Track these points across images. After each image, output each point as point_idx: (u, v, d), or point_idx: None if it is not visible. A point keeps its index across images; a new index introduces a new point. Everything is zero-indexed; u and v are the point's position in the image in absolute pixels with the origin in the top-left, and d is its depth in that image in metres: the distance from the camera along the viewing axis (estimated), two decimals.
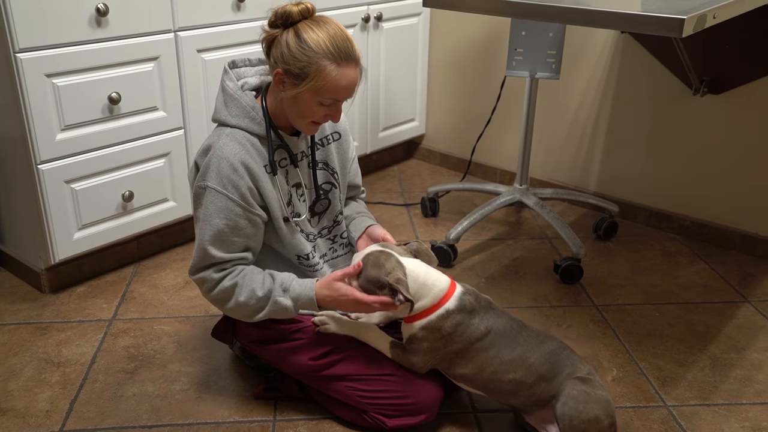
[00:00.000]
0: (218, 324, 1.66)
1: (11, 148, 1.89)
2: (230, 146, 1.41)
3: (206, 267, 1.43)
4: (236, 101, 1.44)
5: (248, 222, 1.43)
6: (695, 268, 2.23)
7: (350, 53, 1.37)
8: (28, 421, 1.53)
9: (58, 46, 1.79)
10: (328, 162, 1.58)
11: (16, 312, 1.93)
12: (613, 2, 1.53)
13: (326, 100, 1.39)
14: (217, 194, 1.39)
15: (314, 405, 1.59)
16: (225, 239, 1.41)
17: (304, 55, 1.35)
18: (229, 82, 1.47)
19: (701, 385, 1.69)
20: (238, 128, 1.44)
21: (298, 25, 1.37)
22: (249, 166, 1.41)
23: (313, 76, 1.36)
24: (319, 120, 1.43)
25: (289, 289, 1.43)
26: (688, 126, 2.36)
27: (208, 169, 1.40)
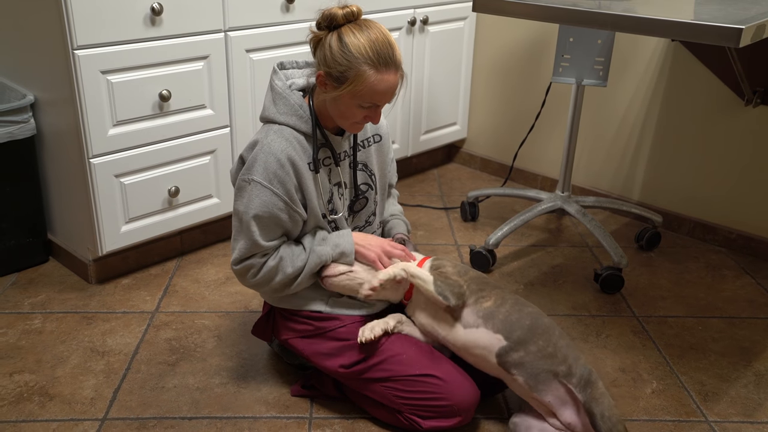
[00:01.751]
0: (258, 322, 1.69)
1: (65, 142, 1.94)
2: (278, 142, 1.44)
3: (254, 255, 1.47)
4: (284, 99, 1.47)
5: (289, 217, 1.47)
6: (741, 282, 2.18)
7: (390, 59, 1.39)
8: (74, 407, 1.58)
9: (113, 44, 1.84)
10: (367, 164, 1.61)
11: (64, 301, 1.99)
12: (665, 9, 1.51)
13: (365, 103, 1.42)
14: (263, 188, 1.43)
15: (350, 404, 1.60)
16: (268, 229, 1.46)
17: (344, 59, 1.37)
18: (278, 82, 1.50)
19: (745, 402, 1.65)
20: (285, 125, 1.47)
21: (342, 29, 1.39)
22: (295, 162, 1.45)
23: (352, 80, 1.38)
24: (359, 121, 1.46)
25: (327, 238, 1.50)
26: (738, 137, 2.31)
27: (254, 164, 1.44)
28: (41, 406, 1.57)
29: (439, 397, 1.46)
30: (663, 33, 1.37)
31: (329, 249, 1.50)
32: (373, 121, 1.47)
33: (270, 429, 1.53)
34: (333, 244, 1.51)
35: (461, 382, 1.48)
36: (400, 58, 1.42)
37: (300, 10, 2.20)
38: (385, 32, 1.40)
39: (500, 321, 1.46)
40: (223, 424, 1.53)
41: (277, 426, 1.54)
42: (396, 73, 1.41)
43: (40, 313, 1.92)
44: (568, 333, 1.89)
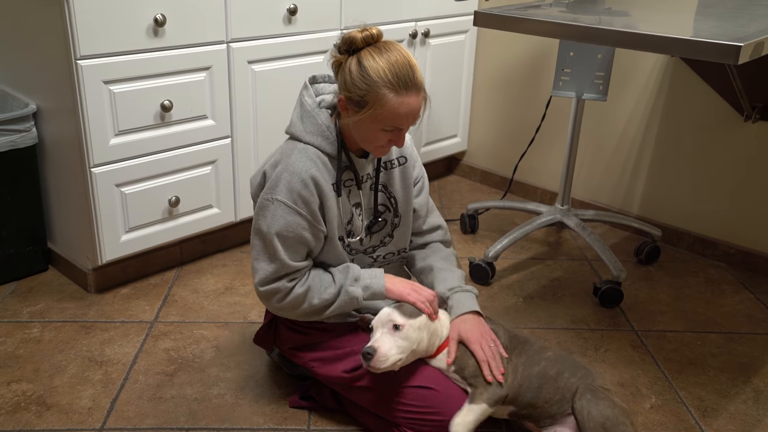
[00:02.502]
0: (260, 330, 1.68)
1: (67, 151, 1.95)
2: (302, 162, 1.42)
3: (281, 277, 1.45)
4: (312, 119, 1.45)
5: (312, 236, 1.45)
6: (740, 298, 2.18)
7: (411, 81, 1.36)
8: (71, 417, 1.57)
9: (116, 54, 1.85)
10: (387, 185, 1.57)
11: (62, 310, 1.98)
12: (665, 26, 1.52)
13: (387, 127, 1.39)
14: (287, 208, 1.41)
15: (348, 416, 1.60)
16: (292, 248, 1.44)
17: (363, 82, 1.35)
18: (308, 98, 1.47)
19: (744, 418, 1.64)
20: (311, 145, 1.45)
21: (361, 52, 1.37)
22: (318, 182, 1.43)
23: (372, 104, 1.36)
24: (383, 145, 1.43)
25: (359, 278, 1.48)
26: (738, 152, 2.31)
27: (278, 183, 1.42)
28: (38, 416, 1.57)
29: (435, 411, 1.45)
30: (662, 49, 1.38)
31: (360, 291, 1.47)
32: (397, 145, 1.45)
33: None
34: (364, 285, 1.48)
35: (456, 396, 1.47)
36: (422, 79, 1.39)
37: (302, 22, 2.22)
38: (405, 54, 1.37)
39: (512, 393, 1.46)
40: None
41: None
42: (418, 95, 1.38)
43: (38, 322, 1.92)
44: (566, 347, 1.89)
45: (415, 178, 1.63)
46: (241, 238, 2.39)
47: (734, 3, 1.86)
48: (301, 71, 2.26)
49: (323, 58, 2.31)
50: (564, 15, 1.68)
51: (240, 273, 2.22)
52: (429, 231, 1.69)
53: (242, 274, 2.21)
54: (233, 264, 2.27)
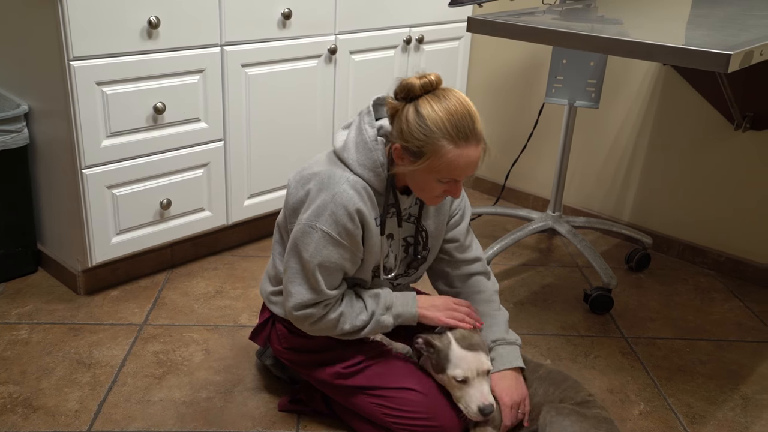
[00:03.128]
0: (257, 327, 1.66)
1: (58, 152, 1.94)
2: (350, 194, 1.37)
3: (315, 305, 1.42)
4: (369, 152, 1.39)
5: (352, 264, 1.43)
6: (729, 305, 2.19)
7: (470, 132, 1.32)
8: (58, 419, 1.56)
9: (109, 55, 1.84)
10: (420, 218, 1.53)
11: (51, 312, 1.97)
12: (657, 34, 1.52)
13: (444, 178, 1.35)
14: (331, 239, 1.37)
15: (337, 420, 1.59)
16: (331, 276, 1.42)
17: (421, 133, 1.31)
18: (369, 129, 1.41)
19: (732, 425, 1.65)
20: (360, 177, 1.40)
21: (419, 100, 1.32)
22: (364, 215, 1.39)
23: (429, 156, 1.32)
24: (438, 195, 1.40)
25: (391, 307, 1.46)
26: (728, 161, 2.33)
27: (323, 212, 1.37)
28: (24, 418, 1.55)
29: (427, 416, 1.45)
30: (654, 57, 1.38)
31: (392, 319, 1.46)
32: (453, 196, 1.40)
33: None
34: (396, 314, 1.47)
35: (448, 401, 1.47)
36: (482, 129, 1.34)
37: (297, 26, 2.22)
38: (465, 102, 1.33)
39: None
40: None
41: None
42: (477, 146, 1.34)
43: (27, 324, 1.90)
44: (556, 354, 1.89)
45: (454, 210, 1.58)
46: (233, 241, 2.38)
47: (726, 13, 1.87)
48: (295, 75, 2.26)
49: (317, 63, 2.31)
50: (557, 22, 1.68)
51: (231, 276, 2.21)
52: (467, 262, 1.62)
53: (233, 277, 2.20)
54: (224, 267, 2.26)
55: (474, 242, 1.64)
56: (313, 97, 2.34)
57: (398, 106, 1.36)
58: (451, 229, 1.59)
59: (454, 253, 1.60)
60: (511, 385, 1.48)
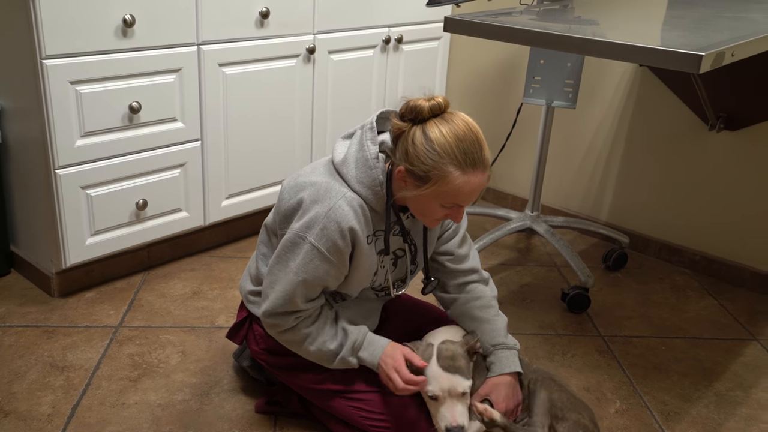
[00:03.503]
0: (233, 327, 1.65)
1: (31, 152, 1.91)
2: (346, 211, 1.34)
3: (288, 314, 1.41)
4: (369, 171, 1.36)
5: (336, 280, 1.41)
6: (704, 304, 2.21)
7: (478, 159, 1.29)
8: (30, 424, 1.53)
9: (83, 54, 1.81)
10: (410, 231, 1.50)
11: (24, 314, 1.94)
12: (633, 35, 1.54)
13: (447, 204, 1.33)
14: (319, 254, 1.34)
15: (314, 422, 1.58)
16: (311, 290, 1.40)
17: (429, 158, 1.27)
18: (371, 145, 1.36)
19: (705, 422, 1.66)
20: (358, 194, 1.36)
21: (427, 123, 1.29)
22: (356, 234, 1.36)
23: (435, 181, 1.29)
24: (439, 218, 1.38)
25: (359, 351, 1.44)
26: (703, 161, 2.35)
27: (314, 225, 1.34)
28: None
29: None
30: (628, 57, 1.39)
31: (355, 361, 1.45)
32: (455, 220, 1.37)
33: None
34: (360, 357, 1.45)
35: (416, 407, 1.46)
36: (489, 156, 1.31)
37: (274, 25, 2.20)
38: (473, 127, 1.30)
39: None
40: None
41: None
42: (484, 173, 1.30)
43: None
44: (534, 353, 1.90)
45: (447, 224, 1.56)
46: (211, 242, 2.36)
47: (700, 14, 1.89)
48: (273, 75, 2.25)
49: (295, 63, 2.30)
50: (534, 22, 1.69)
51: (208, 278, 2.19)
52: (463, 273, 1.60)
53: (211, 278, 2.19)
54: (202, 268, 2.24)
55: (471, 252, 1.61)
56: (291, 97, 2.33)
57: (404, 127, 1.32)
58: (443, 243, 1.57)
59: (448, 264, 1.58)
60: (508, 392, 1.47)
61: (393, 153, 1.35)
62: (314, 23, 2.32)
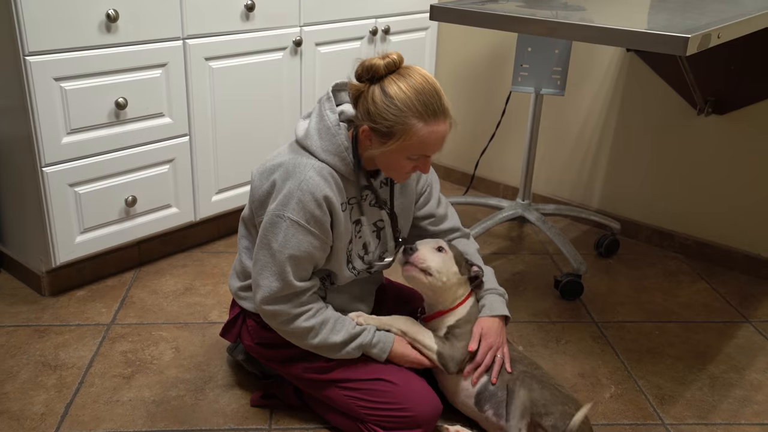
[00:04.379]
0: (227, 324, 1.65)
1: (17, 150, 1.89)
2: (317, 181, 1.36)
3: (285, 298, 1.41)
4: (332, 137, 1.39)
5: (323, 252, 1.42)
6: (696, 288, 2.22)
7: (439, 108, 1.32)
8: (23, 423, 1.53)
9: (67, 50, 1.80)
10: (387, 201, 1.53)
11: (15, 314, 1.92)
12: (619, 19, 1.54)
13: (414, 156, 1.36)
14: (299, 227, 1.36)
15: (310, 414, 1.58)
16: (301, 267, 1.40)
17: (391, 114, 1.30)
18: (330, 114, 1.40)
19: (699, 404, 1.67)
20: (326, 163, 1.39)
21: (385, 81, 1.32)
22: (331, 202, 1.38)
23: (400, 135, 1.31)
24: (408, 172, 1.40)
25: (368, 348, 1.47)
26: (692, 146, 2.36)
27: (290, 200, 1.36)
28: None
29: (401, 407, 1.45)
30: (616, 42, 1.39)
31: (359, 354, 1.47)
32: (423, 171, 1.41)
33: None
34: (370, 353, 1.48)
35: (422, 391, 1.47)
36: (448, 104, 1.35)
37: (260, 18, 2.19)
38: (430, 79, 1.33)
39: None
40: None
41: None
42: (445, 121, 1.34)
43: None
44: (529, 340, 1.90)
45: (421, 187, 1.59)
46: (202, 237, 2.36)
47: None
48: (260, 68, 2.24)
49: (282, 56, 2.29)
50: (520, 9, 1.69)
51: (200, 273, 2.18)
52: (445, 233, 1.64)
53: (203, 274, 2.18)
54: (193, 264, 2.24)
55: (449, 211, 1.65)
56: (279, 90, 2.32)
57: (362, 87, 1.35)
58: (422, 207, 1.60)
59: (430, 228, 1.62)
60: (495, 330, 1.52)
61: (355, 116, 1.38)
62: (300, 15, 2.30)
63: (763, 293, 2.20)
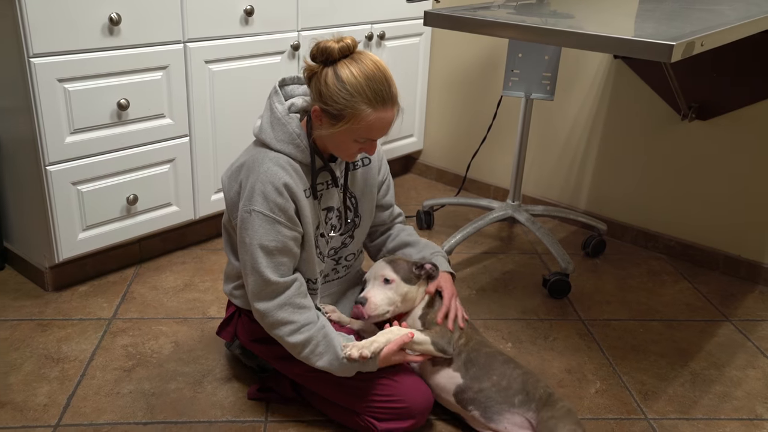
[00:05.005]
0: (222, 322, 1.66)
1: (21, 150, 1.89)
2: (274, 171, 1.38)
3: (267, 294, 1.40)
4: (283, 126, 1.41)
5: (294, 242, 1.42)
6: (679, 287, 2.24)
7: (387, 96, 1.34)
8: (26, 414, 1.52)
9: (70, 52, 1.80)
10: (348, 186, 1.55)
11: (18, 308, 1.92)
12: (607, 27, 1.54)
13: (361, 139, 1.38)
14: (265, 218, 1.37)
15: (306, 406, 1.59)
16: (276, 261, 1.40)
17: (341, 97, 1.32)
18: (279, 105, 1.43)
19: (681, 400, 1.69)
20: (281, 153, 1.41)
21: (338, 64, 1.33)
22: (292, 189, 1.39)
23: (348, 119, 1.33)
24: (354, 152, 1.42)
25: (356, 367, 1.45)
26: (676, 150, 2.37)
27: (253, 194, 1.38)
28: None
29: (394, 399, 1.45)
30: (604, 48, 1.40)
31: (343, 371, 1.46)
32: (368, 153, 1.44)
33: None
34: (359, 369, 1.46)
35: (415, 384, 1.48)
36: (397, 92, 1.36)
37: (259, 22, 2.19)
38: (381, 66, 1.35)
39: (462, 360, 1.50)
40: (179, 429, 1.50)
41: (233, 430, 1.51)
42: (393, 108, 1.36)
43: None
44: (517, 337, 1.91)
45: (381, 180, 1.62)
46: (201, 235, 2.36)
47: (671, 7, 1.90)
48: (259, 71, 2.24)
49: (280, 59, 2.29)
50: (511, 16, 1.69)
51: (200, 270, 2.18)
52: (392, 220, 1.72)
53: (202, 271, 2.18)
54: (193, 261, 2.24)
55: (393, 197, 1.72)
56: None
57: (316, 68, 1.36)
58: (383, 197, 1.65)
59: (382, 215, 1.68)
60: (450, 282, 1.61)
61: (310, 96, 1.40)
62: (298, 20, 2.31)
63: (743, 293, 2.21)
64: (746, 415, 1.64)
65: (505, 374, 1.47)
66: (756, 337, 1.97)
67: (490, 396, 1.46)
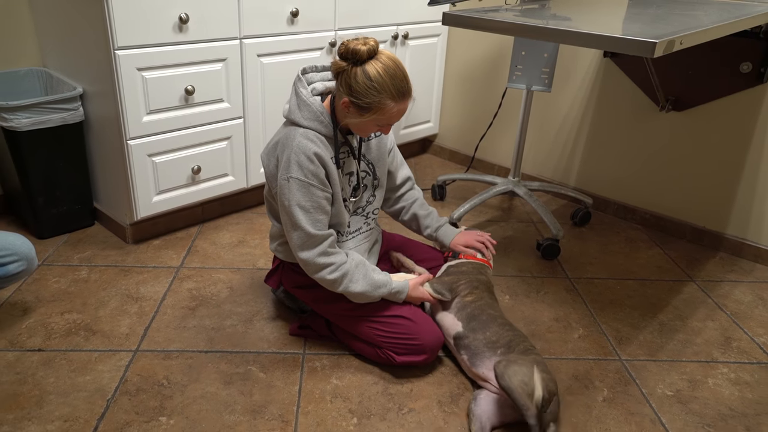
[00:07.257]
0: (270, 272, 1.68)
1: (107, 127, 1.92)
2: (305, 143, 1.40)
3: (308, 245, 1.43)
4: (308, 107, 1.42)
5: (326, 201, 1.44)
6: (652, 252, 2.21)
7: (406, 90, 1.36)
8: (112, 340, 1.57)
9: (147, 45, 1.81)
10: (366, 154, 1.57)
11: (105, 257, 1.97)
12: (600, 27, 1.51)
13: (382, 124, 1.40)
14: (301, 183, 1.39)
15: (337, 343, 1.61)
16: (313, 218, 1.42)
17: (370, 94, 1.33)
18: (303, 89, 1.44)
19: (650, 345, 1.68)
20: (309, 129, 1.42)
21: (366, 65, 1.33)
22: (322, 157, 1.40)
23: (375, 111, 1.36)
24: (372, 131, 1.44)
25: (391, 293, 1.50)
26: (654, 137, 2.33)
27: (290, 164, 1.39)
28: (86, 339, 1.57)
29: (411, 337, 1.47)
30: (596, 45, 1.37)
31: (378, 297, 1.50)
32: (385, 133, 1.46)
33: (271, 361, 1.54)
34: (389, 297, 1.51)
35: (428, 325, 1.50)
36: (411, 85, 1.38)
37: (303, 23, 2.18)
38: (399, 64, 1.36)
39: (466, 313, 1.50)
40: (233, 357, 1.54)
41: (277, 359, 1.54)
42: (409, 99, 1.39)
43: (86, 266, 1.91)
44: (515, 291, 1.91)
45: (389, 148, 1.64)
46: (252, 201, 2.38)
47: (655, 12, 1.85)
48: (302, 64, 2.23)
49: (319, 54, 2.28)
50: (517, 18, 1.66)
51: (251, 230, 2.21)
52: (402, 183, 1.71)
53: (252, 230, 2.21)
54: (245, 222, 2.26)
55: (404, 165, 1.71)
56: None
57: (345, 66, 1.36)
58: (391, 163, 1.66)
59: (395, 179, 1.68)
60: (466, 234, 1.70)
61: (336, 88, 1.40)
62: (335, 21, 2.29)
63: (706, 258, 2.18)
64: (704, 359, 1.63)
65: (498, 333, 1.46)
66: (715, 295, 1.95)
67: (479, 346, 1.45)
